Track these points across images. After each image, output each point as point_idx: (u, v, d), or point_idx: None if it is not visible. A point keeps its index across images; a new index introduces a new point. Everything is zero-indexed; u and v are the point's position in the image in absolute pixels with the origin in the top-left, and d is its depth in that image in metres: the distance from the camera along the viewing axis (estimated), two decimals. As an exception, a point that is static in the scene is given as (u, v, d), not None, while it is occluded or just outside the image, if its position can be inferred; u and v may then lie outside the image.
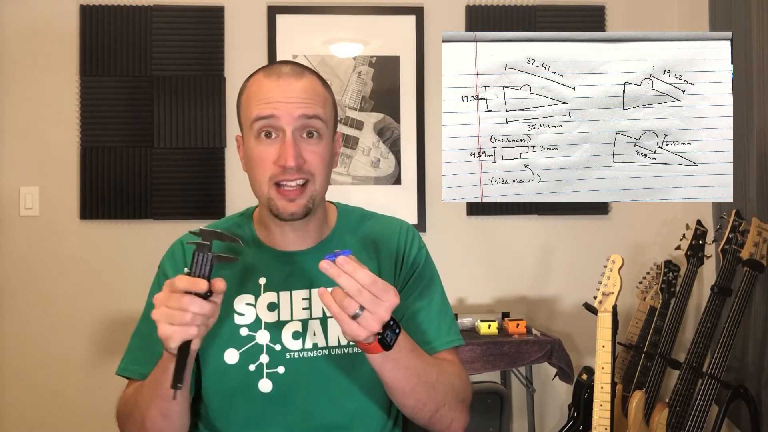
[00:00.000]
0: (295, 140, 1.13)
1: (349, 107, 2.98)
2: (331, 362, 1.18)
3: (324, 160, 1.17)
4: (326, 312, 1.20)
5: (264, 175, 1.14)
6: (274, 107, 1.13)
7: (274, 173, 1.13)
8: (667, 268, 2.64)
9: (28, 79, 2.91)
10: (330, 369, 1.18)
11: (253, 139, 1.15)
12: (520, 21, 3.02)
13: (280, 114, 1.12)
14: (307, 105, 1.14)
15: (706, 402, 2.16)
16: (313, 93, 1.16)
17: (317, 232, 1.24)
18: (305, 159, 1.13)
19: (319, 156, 1.15)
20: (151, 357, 1.11)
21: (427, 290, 1.28)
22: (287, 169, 1.12)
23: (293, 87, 1.14)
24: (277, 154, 1.13)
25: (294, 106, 1.13)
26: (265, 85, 1.15)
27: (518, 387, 2.87)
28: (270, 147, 1.13)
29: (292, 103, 1.13)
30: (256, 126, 1.14)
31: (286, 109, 1.13)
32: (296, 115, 1.13)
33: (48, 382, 2.90)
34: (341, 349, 1.19)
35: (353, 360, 1.19)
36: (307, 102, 1.14)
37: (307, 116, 1.13)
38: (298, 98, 1.14)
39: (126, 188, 2.90)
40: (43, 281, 2.90)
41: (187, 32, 2.95)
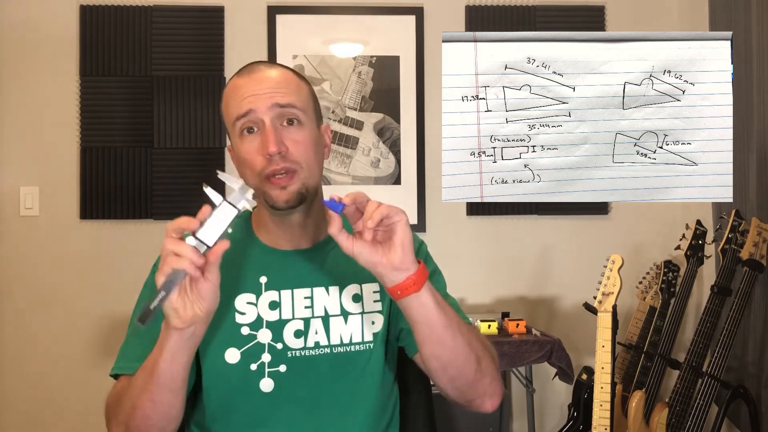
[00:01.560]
0: (274, 127, 1.13)
1: (349, 107, 2.98)
2: (332, 360, 1.19)
3: (308, 147, 1.16)
4: (328, 310, 1.20)
5: (254, 171, 1.14)
6: (249, 101, 1.14)
7: (262, 166, 1.13)
8: (667, 268, 2.64)
9: (28, 79, 2.91)
10: (332, 367, 1.19)
11: (238, 138, 1.16)
12: (520, 21, 3.02)
13: (256, 106, 1.13)
14: (281, 94, 1.15)
15: (705, 402, 2.17)
16: (285, 82, 1.17)
17: (316, 230, 1.24)
18: (287, 146, 1.13)
19: (301, 143, 1.15)
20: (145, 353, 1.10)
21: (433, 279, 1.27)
22: (272, 157, 1.12)
23: (265, 78, 1.16)
24: (260, 144, 1.13)
25: (268, 96, 1.14)
26: (239, 84, 1.17)
27: (518, 387, 2.87)
28: (253, 141, 1.14)
29: (265, 94, 1.14)
30: (238, 125, 1.15)
31: (261, 100, 1.14)
32: (270, 103, 1.13)
33: (48, 382, 2.90)
34: (343, 348, 1.19)
35: (355, 358, 1.20)
36: (281, 91, 1.15)
37: (280, 105, 1.14)
38: (271, 88, 1.15)
39: (126, 188, 2.90)
40: (43, 281, 2.90)
41: (187, 32, 2.95)
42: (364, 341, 1.21)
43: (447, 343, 1.07)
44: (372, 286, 1.24)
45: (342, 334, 1.20)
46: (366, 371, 1.21)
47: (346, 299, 1.22)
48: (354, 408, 1.20)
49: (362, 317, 1.22)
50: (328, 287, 1.22)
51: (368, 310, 1.22)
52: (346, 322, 1.21)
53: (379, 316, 1.23)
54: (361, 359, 1.20)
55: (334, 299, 1.21)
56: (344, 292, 1.22)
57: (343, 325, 1.20)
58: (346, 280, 1.23)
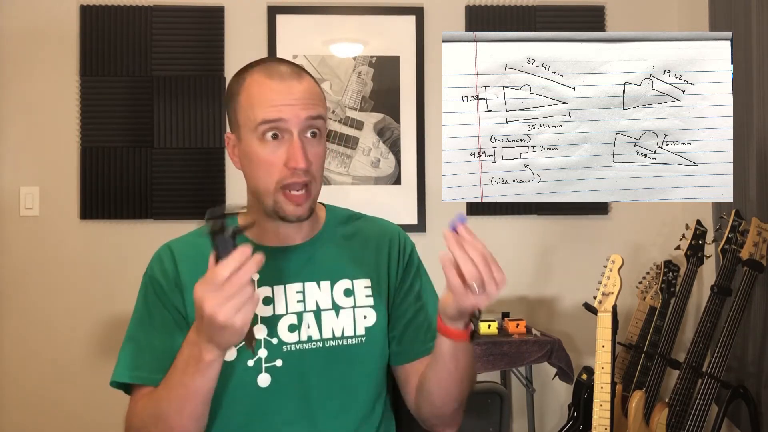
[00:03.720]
0: (302, 142, 1.14)
1: (349, 107, 2.98)
2: (325, 354, 1.21)
3: (323, 160, 1.20)
4: (320, 305, 1.22)
5: (271, 178, 1.15)
6: (280, 110, 1.14)
7: (283, 176, 1.14)
8: (666, 268, 2.64)
9: (28, 79, 2.91)
10: (325, 361, 1.20)
11: (257, 140, 1.15)
12: (520, 21, 3.02)
13: (288, 117, 1.14)
14: (312, 106, 1.16)
15: (705, 402, 2.17)
16: (314, 93, 1.18)
17: (309, 228, 1.26)
18: (311, 161, 1.15)
19: (320, 156, 1.19)
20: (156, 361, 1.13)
21: (426, 291, 1.32)
22: (296, 171, 1.13)
23: (297, 89, 1.16)
24: (286, 156, 1.14)
25: (300, 108, 1.14)
26: (267, 86, 1.16)
27: (518, 387, 2.87)
28: (278, 149, 1.14)
29: (298, 106, 1.14)
30: (262, 128, 1.14)
31: (293, 111, 1.14)
32: (303, 117, 1.14)
33: (48, 382, 2.90)
34: (335, 341, 1.21)
35: (347, 352, 1.22)
36: (312, 103, 1.16)
37: (312, 117, 1.15)
38: (303, 100, 1.15)
39: (126, 188, 2.90)
40: (43, 281, 2.90)
41: (187, 32, 2.96)
42: (356, 335, 1.23)
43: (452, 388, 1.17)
44: (363, 282, 1.26)
45: (334, 328, 1.22)
46: (358, 364, 1.23)
47: (338, 294, 1.24)
48: (348, 401, 1.22)
49: (354, 311, 1.23)
50: (319, 282, 1.23)
51: (360, 305, 1.24)
52: (338, 316, 1.23)
53: (371, 311, 1.25)
54: (353, 353, 1.22)
55: (325, 294, 1.23)
56: (335, 286, 1.24)
57: (334, 319, 1.22)
58: (337, 275, 1.25)
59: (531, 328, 2.66)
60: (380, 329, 1.25)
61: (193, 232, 1.30)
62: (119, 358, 1.20)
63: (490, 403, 1.60)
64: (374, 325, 1.24)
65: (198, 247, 1.22)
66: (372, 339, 1.24)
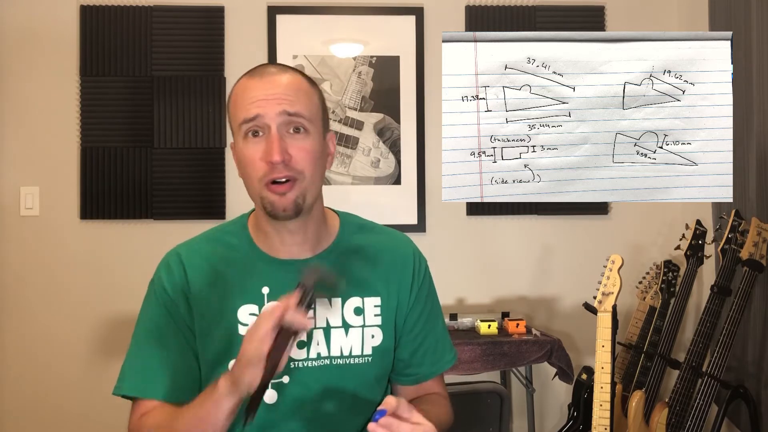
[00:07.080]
0: (280, 135, 1.12)
1: (349, 107, 2.98)
2: (333, 372, 1.19)
3: (312, 157, 1.15)
4: (330, 322, 1.21)
5: (255, 174, 1.13)
6: (258, 106, 1.12)
7: (264, 172, 1.12)
8: (666, 268, 2.64)
9: (29, 79, 2.91)
10: (331, 378, 1.19)
11: (242, 140, 1.14)
12: (520, 21, 3.02)
13: (264, 111, 1.11)
14: (290, 102, 1.12)
15: (705, 402, 2.17)
16: (295, 89, 1.15)
17: (316, 238, 1.22)
18: (291, 155, 1.12)
19: (305, 152, 1.13)
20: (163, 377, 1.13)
21: (434, 311, 1.31)
22: (274, 165, 1.10)
23: (276, 83, 1.14)
24: (264, 151, 1.12)
25: (276, 102, 1.12)
26: (249, 86, 1.15)
27: (518, 387, 2.87)
28: (257, 145, 1.12)
29: (275, 100, 1.12)
30: (244, 128, 1.13)
31: (270, 105, 1.11)
32: (278, 110, 1.11)
33: (49, 381, 2.89)
34: (342, 360, 1.20)
35: (352, 370, 1.21)
36: (290, 98, 1.13)
37: (288, 113, 1.12)
38: (281, 94, 1.13)
39: (126, 188, 2.90)
40: (43, 281, 2.90)
41: (187, 32, 2.95)
42: (363, 354, 1.21)
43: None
44: (373, 300, 1.24)
45: (342, 347, 1.20)
46: (363, 383, 1.22)
47: (348, 312, 1.22)
48: (353, 419, 1.21)
49: (363, 331, 1.22)
50: (330, 299, 1.21)
51: (369, 324, 1.23)
52: (347, 334, 1.21)
53: (379, 330, 1.23)
54: (358, 371, 1.21)
55: (336, 311, 1.21)
56: (346, 304, 1.22)
57: (343, 337, 1.20)
58: (348, 293, 1.22)
59: (531, 328, 2.66)
60: (386, 349, 1.24)
61: (199, 237, 1.27)
62: (124, 369, 1.19)
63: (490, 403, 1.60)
64: (380, 345, 1.23)
65: (206, 255, 1.21)
66: (378, 358, 1.23)
